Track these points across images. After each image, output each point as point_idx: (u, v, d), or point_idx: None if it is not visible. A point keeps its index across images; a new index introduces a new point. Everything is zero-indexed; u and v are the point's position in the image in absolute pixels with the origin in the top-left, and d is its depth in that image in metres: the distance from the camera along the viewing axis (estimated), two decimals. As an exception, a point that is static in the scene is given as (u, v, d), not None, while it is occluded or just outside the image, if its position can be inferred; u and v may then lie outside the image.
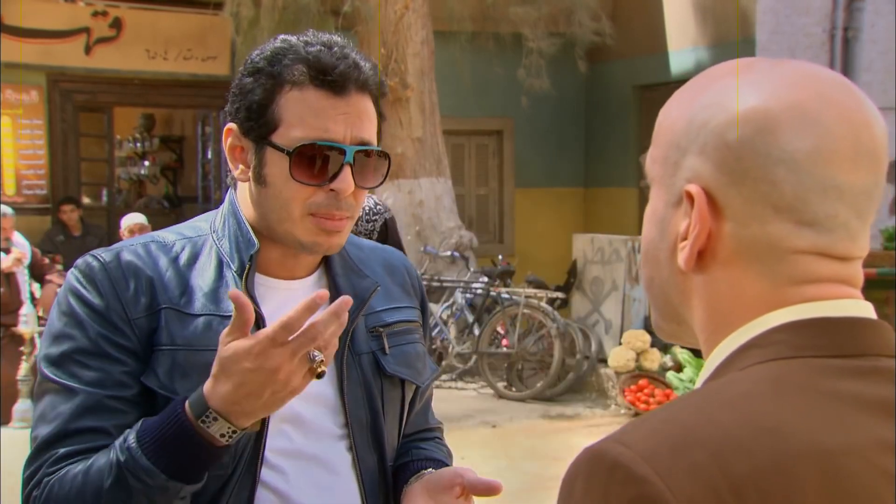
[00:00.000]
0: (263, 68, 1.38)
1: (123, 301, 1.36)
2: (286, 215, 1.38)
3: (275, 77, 1.37)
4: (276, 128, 1.37)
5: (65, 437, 1.32)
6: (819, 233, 0.82)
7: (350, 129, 1.37)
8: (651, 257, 0.91)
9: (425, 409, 1.68)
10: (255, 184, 1.41)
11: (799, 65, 0.86)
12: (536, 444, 6.75)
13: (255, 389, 1.22)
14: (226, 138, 1.43)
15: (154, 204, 14.24)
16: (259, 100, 1.37)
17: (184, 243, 1.45)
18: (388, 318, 1.54)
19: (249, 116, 1.39)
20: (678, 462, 0.73)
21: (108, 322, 1.35)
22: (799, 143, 0.81)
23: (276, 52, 1.39)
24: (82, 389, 1.33)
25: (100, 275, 1.37)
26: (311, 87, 1.36)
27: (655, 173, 0.90)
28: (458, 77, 9.84)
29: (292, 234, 1.39)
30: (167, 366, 1.35)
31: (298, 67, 1.37)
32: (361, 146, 1.38)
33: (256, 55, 1.41)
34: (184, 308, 1.38)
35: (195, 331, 1.37)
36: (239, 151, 1.42)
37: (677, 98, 0.90)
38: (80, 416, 1.32)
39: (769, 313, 0.83)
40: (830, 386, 0.79)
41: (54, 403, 1.34)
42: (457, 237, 9.02)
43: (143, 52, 10.68)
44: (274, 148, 1.37)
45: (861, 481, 0.75)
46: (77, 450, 1.31)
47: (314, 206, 1.37)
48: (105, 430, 1.32)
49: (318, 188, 1.37)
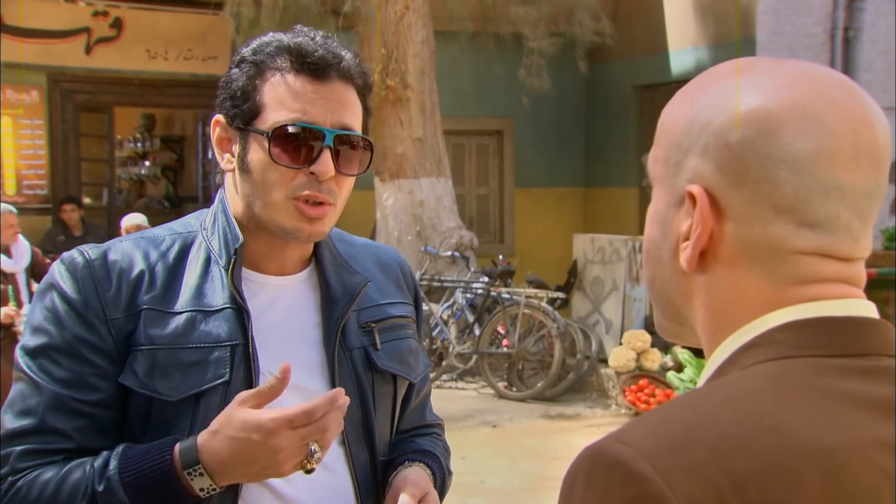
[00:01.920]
0: (247, 58, 1.41)
1: (103, 300, 1.37)
2: (268, 200, 1.39)
3: (258, 65, 1.39)
4: (259, 114, 1.39)
5: (26, 434, 1.34)
6: (821, 234, 0.82)
7: (330, 113, 1.38)
8: (653, 257, 0.91)
9: (423, 406, 1.68)
10: (240, 172, 1.42)
11: (800, 64, 0.86)
12: (537, 444, 6.75)
13: (249, 459, 1.26)
14: (213, 130, 1.45)
15: (154, 204, 14.23)
16: (242, 87, 1.40)
17: (174, 238, 1.46)
18: (380, 314, 1.55)
19: (234, 104, 1.41)
20: (679, 460, 0.73)
21: (84, 321, 1.36)
22: (800, 144, 0.80)
23: (262, 44, 1.42)
24: (49, 388, 1.35)
25: (82, 272, 1.38)
26: (292, 73, 1.38)
27: (657, 173, 0.90)
28: (458, 77, 9.85)
29: (275, 220, 1.40)
30: (147, 365, 1.36)
31: (281, 55, 1.39)
32: (343, 131, 1.39)
33: (245, 48, 1.44)
34: (165, 307, 1.39)
35: (176, 328, 1.38)
36: (226, 142, 1.44)
37: (679, 98, 0.90)
38: (44, 414, 1.34)
39: (771, 313, 0.83)
40: (831, 385, 0.79)
41: (23, 395, 1.36)
42: (457, 237, 9.02)
43: (143, 52, 10.68)
44: (256, 133, 1.39)
45: (861, 480, 0.75)
46: (36, 448, 1.33)
47: (295, 189, 1.38)
48: (65, 433, 1.34)
49: (299, 171, 1.38)
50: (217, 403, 1.37)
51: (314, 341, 1.48)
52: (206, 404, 1.37)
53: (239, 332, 1.39)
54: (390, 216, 9.09)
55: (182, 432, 1.36)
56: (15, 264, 7.13)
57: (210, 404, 1.37)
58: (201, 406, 1.37)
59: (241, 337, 1.39)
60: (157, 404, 1.37)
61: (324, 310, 1.49)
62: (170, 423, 1.37)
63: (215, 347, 1.38)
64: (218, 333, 1.39)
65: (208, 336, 1.39)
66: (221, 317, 1.40)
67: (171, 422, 1.37)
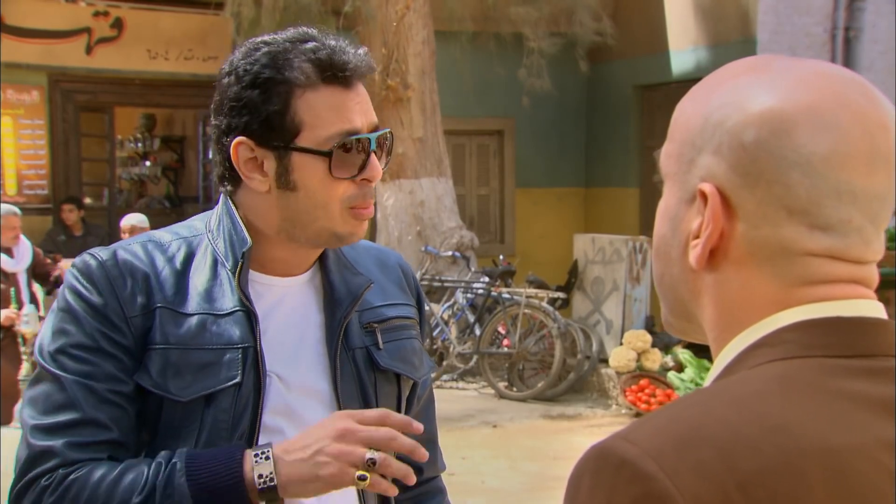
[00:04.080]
0: (272, 77, 1.36)
1: (121, 299, 1.37)
2: (323, 214, 1.40)
3: (286, 83, 1.36)
4: (299, 132, 1.37)
5: (68, 427, 1.32)
6: (832, 237, 0.81)
7: (364, 116, 1.40)
8: (662, 253, 0.90)
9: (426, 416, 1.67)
10: (282, 191, 1.40)
11: (817, 64, 0.85)
12: (537, 445, 6.75)
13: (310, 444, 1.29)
14: (235, 153, 1.40)
15: (155, 204, 14.24)
16: (276, 109, 1.37)
17: (179, 243, 1.46)
18: (383, 315, 1.56)
19: (269, 127, 1.37)
20: (685, 459, 0.73)
21: (105, 319, 1.36)
22: (814, 147, 0.80)
23: (275, 58, 1.37)
24: (79, 381, 1.34)
25: (98, 273, 1.38)
26: (323, 86, 1.37)
27: (670, 169, 0.89)
28: (459, 77, 9.84)
29: (329, 230, 1.42)
30: (160, 365, 1.36)
31: (306, 68, 1.37)
32: (377, 131, 1.42)
33: (250, 64, 1.38)
34: (178, 307, 1.39)
35: (188, 330, 1.39)
36: (253, 163, 1.41)
37: (694, 94, 0.89)
38: (82, 406, 1.33)
39: (779, 313, 0.82)
40: (839, 385, 0.78)
41: (48, 393, 1.35)
42: (458, 237, 9.02)
43: (144, 53, 10.68)
44: (303, 152, 1.37)
45: (868, 481, 0.75)
46: (82, 441, 1.32)
47: (351, 199, 1.40)
48: (104, 424, 1.33)
49: (350, 181, 1.40)
50: (227, 405, 1.37)
51: (318, 342, 1.48)
52: (217, 406, 1.37)
53: (249, 334, 1.40)
54: (391, 216, 9.09)
55: (191, 435, 1.36)
56: (16, 264, 7.13)
57: (220, 406, 1.37)
58: (211, 408, 1.37)
59: (251, 339, 1.40)
60: (168, 405, 1.37)
61: (327, 310, 1.49)
62: (178, 426, 1.37)
63: (227, 349, 1.39)
64: (230, 336, 1.39)
65: (220, 338, 1.39)
66: (232, 320, 1.40)
67: (179, 424, 1.37)
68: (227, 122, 1.40)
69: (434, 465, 1.69)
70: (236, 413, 1.38)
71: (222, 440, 1.38)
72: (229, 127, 1.40)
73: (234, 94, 1.39)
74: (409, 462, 1.65)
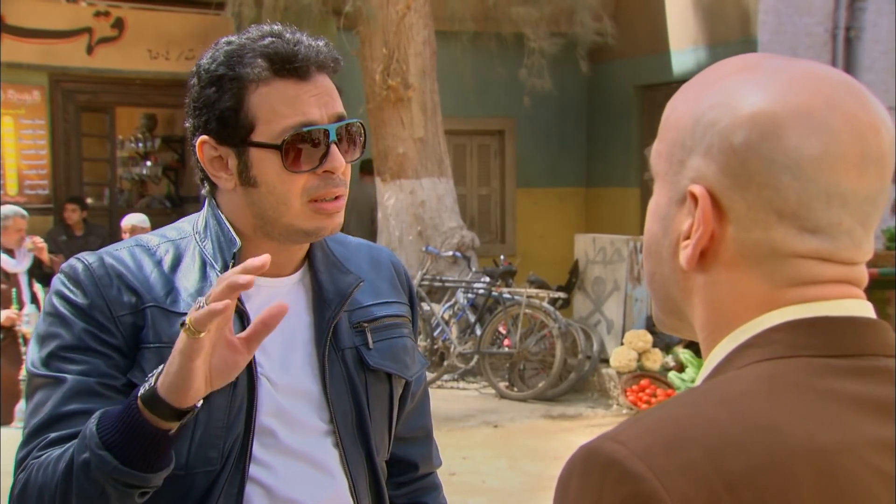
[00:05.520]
0: (224, 74, 1.38)
1: (107, 300, 1.38)
2: (285, 209, 1.39)
3: (238, 79, 1.37)
4: (254, 127, 1.38)
5: (54, 422, 1.33)
6: (822, 239, 0.81)
7: (324, 108, 1.39)
8: (653, 252, 0.90)
9: (421, 411, 1.68)
10: (244, 187, 1.41)
11: (807, 65, 0.84)
12: (538, 444, 6.75)
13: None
14: (201, 153, 1.42)
15: (156, 204, 14.23)
16: (230, 105, 1.38)
17: (167, 246, 1.46)
18: (373, 314, 1.55)
19: (224, 124, 1.39)
20: (673, 460, 0.73)
21: (92, 320, 1.37)
22: (804, 150, 0.79)
23: (230, 55, 1.39)
24: (70, 378, 1.34)
25: (83, 275, 1.39)
26: (277, 80, 1.37)
27: (660, 168, 0.89)
28: (459, 77, 9.84)
29: (294, 226, 1.40)
30: (155, 363, 1.35)
31: (258, 63, 1.38)
32: (340, 122, 1.40)
33: (209, 63, 1.41)
34: (169, 307, 1.40)
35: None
36: (218, 161, 1.42)
37: (684, 93, 0.89)
38: (69, 400, 1.33)
39: (768, 313, 0.82)
40: (827, 385, 0.78)
41: (44, 396, 1.35)
42: (458, 237, 9.02)
43: (144, 53, 10.69)
44: (258, 147, 1.38)
45: (856, 480, 0.75)
46: (66, 434, 1.32)
47: (312, 191, 1.39)
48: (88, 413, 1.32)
49: (311, 173, 1.38)
50: (223, 404, 1.38)
51: (307, 342, 1.48)
52: (211, 405, 1.37)
53: None
54: (392, 216, 9.09)
55: (186, 434, 1.35)
56: (17, 265, 7.14)
57: (215, 404, 1.37)
58: (206, 407, 1.36)
59: None
60: None
61: (316, 311, 1.49)
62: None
63: None
64: None
65: None
66: None
67: None
68: (193, 122, 1.43)
69: (429, 461, 1.69)
70: (231, 413, 1.39)
71: (217, 439, 1.38)
72: (195, 127, 1.42)
73: (195, 94, 1.42)
74: (405, 458, 1.65)
